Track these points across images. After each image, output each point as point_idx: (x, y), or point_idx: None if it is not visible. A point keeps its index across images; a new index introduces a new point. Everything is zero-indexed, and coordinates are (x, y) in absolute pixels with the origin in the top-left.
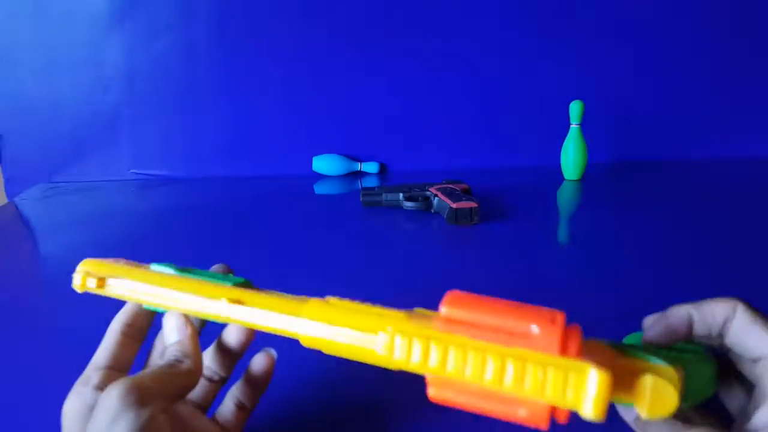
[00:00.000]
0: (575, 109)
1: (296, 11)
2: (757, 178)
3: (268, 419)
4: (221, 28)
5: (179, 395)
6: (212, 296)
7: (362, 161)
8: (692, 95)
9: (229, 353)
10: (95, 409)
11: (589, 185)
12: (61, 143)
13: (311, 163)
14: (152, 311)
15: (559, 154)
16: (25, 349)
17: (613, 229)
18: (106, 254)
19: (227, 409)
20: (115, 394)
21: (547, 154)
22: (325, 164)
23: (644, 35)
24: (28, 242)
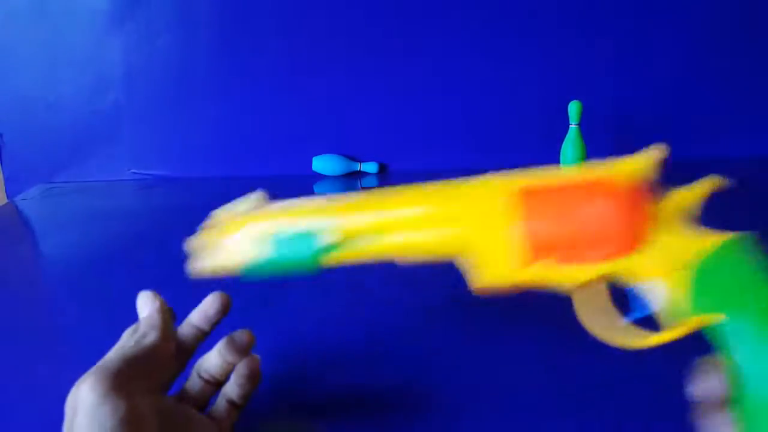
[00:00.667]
0: (574, 109)
1: (296, 11)
2: (757, 177)
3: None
4: (221, 28)
5: (151, 371)
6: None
7: (362, 161)
8: (692, 95)
9: (227, 360)
10: (72, 408)
11: None
12: (60, 143)
13: (311, 163)
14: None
15: (558, 154)
16: (25, 349)
17: None
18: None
19: (220, 406)
20: (86, 388)
21: (546, 154)
22: (324, 164)
23: (644, 35)
24: (27, 242)
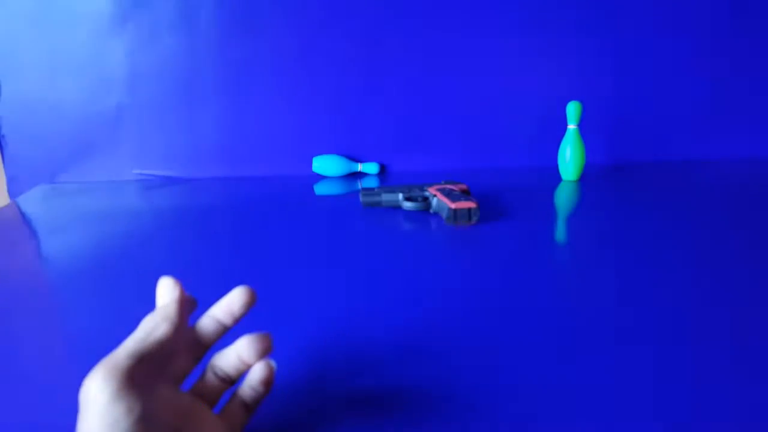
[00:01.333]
0: (573, 110)
1: (297, 12)
2: (754, 178)
3: (268, 418)
4: (222, 29)
5: (164, 365)
6: None
7: (362, 162)
8: (690, 96)
9: (243, 362)
10: (83, 407)
11: (586, 186)
12: (63, 144)
13: (311, 163)
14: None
15: (556, 154)
16: (26, 349)
17: (610, 229)
18: (108, 255)
19: (233, 407)
20: (96, 385)
21: (545, 154)
22: (325, 165)
23: (642, 36)
24: (30, 242)
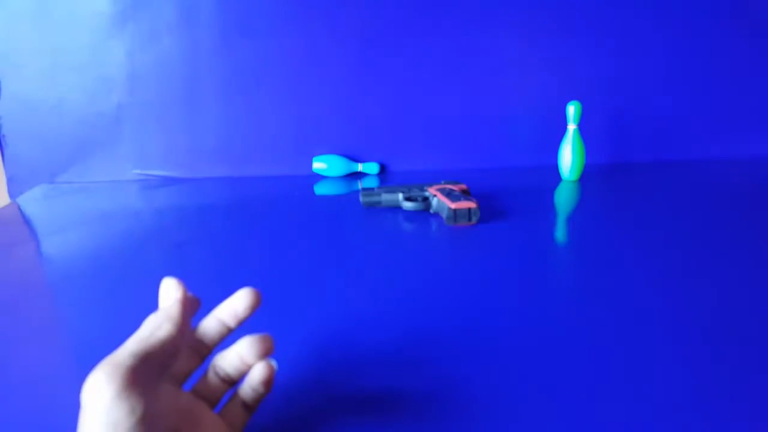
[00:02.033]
0: (573, 110)
1: (297, 12)
2: (754, 178)
3: (268, 418)
4: (222, 29)
5: (166, 365)
6: None
7: (362, 162)
8: (690, 96)
9: (244, 362)
10: (85, 407)
11: (586, 186)
12: (63, 144)
13: (311, 163)
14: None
15: (556, 154)
16: (26, 349)
17: (610, 229)
18: (109, 255)
19: (233, 407)
20: (98, 385)
21: (545, 154)
22: (325, 165)
23: (642, 37)
24: (30, 242)
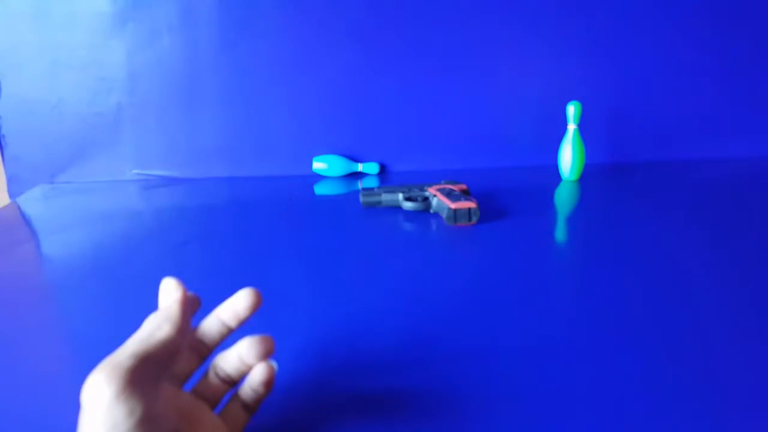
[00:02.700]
0: (573, 110)
1: (297, 12)
2: (754, 178)
3: (268, 419)
4: (222, 29)
5: (166, 366)
6: None
7: (362, 162)
8: (690, 96)
9: (245, 363)
10: (85, 408)
11: (586, 185)
12: (63, 144)
13: (311, 163)
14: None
15: (556, 154)
16: (26, 349)
17: (610, 229)
18: (109, 255)
19: (233, 408)
20: (98, 385)
21: (545, 154)
22: (326, 165)
23: (642, 36)
24: (30, 242)
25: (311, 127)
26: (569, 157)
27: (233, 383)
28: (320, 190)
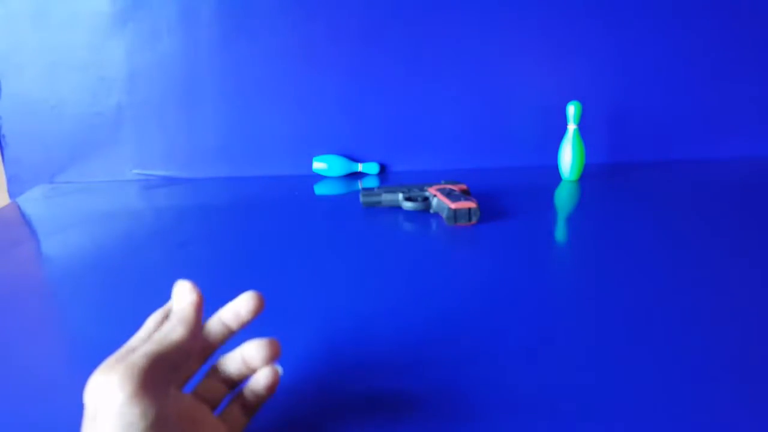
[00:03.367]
0: (573, 110)
1: (296, 12)
2: (754, 177)
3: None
4: (222, 29)
5: (176, 369)
6: None
7: (362, 162)
8: (690, 96)
9: (249, 367)
10: (94, 403)
11: (586, 185)
12: (63, 144)
13: (311, 163)
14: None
15: (557, 154)
16: (26, 349)
17: (610, 229)
18: (109, 255)
19: (234, 410)
20: (112, 385)
21: (545, 154)
22: (326, 165)
23: (642, 36)
24: (30, 242)
25: (311, 126)
26: (569, 157)
27: (234, 385)
28: (320, 190)
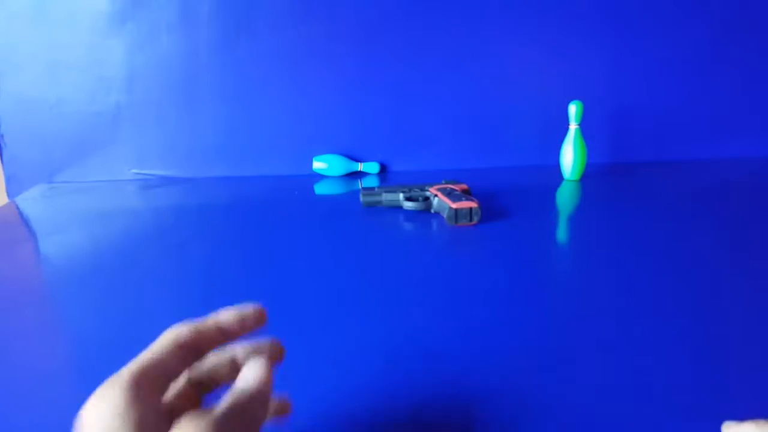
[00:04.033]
0: (574, 109)
1: (296, 12)
2: (755, 177)
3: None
4: (222, 28)
5: (167, 378)
6: None
7: (362, 161)
8: (691, 96)
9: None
10: (90, 420)
11: (588, 185)
12: (62, 143)
13: (311, 163)
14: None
15: (558, 154)
16: (24, 349)
17: (612, 228)
18: (107, 254)
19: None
20: (103, 401)
21: (546, 154)
22: (326, 164)
23: (644, 36)
24: (28, 242)
25: (311, 126)
26: (571, 156)
27: (204, 392)
28: (320, 189)
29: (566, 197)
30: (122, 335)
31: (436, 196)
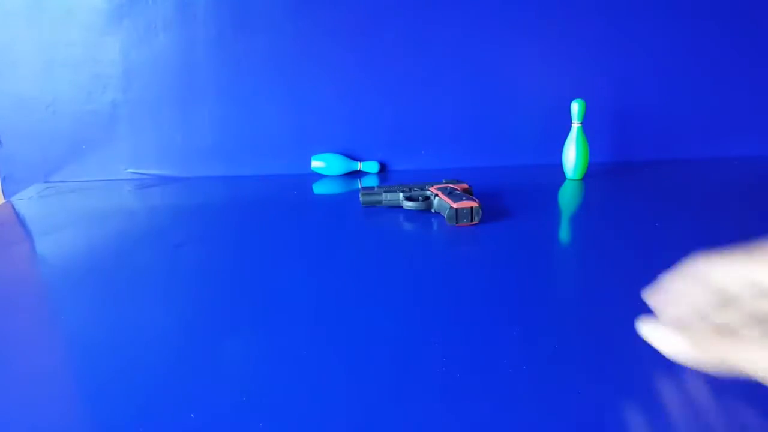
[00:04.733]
0: (577, 108)
1: (294, 9)
2: (758, 177)
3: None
4: (219, 27)
5: None
6: None
7: (362, 160)
8: (693, 95)
9: None
10: None
11: (590, 184)
12: (58, 143)
13: (310, 162)
14: None
15: (560, 153)
16: (22, 349)
17: (614, 228)
18: (103, 254)
19: None
20: None
21: (548, 153)
22: (324, 163)
23: (646, 35)
24: (24, 242)
25: (309, 124)
26: (573, 155)
27: None
28: (319, 189)
29: (568, 196)
30: (118, 334)
31: (436, 195)
